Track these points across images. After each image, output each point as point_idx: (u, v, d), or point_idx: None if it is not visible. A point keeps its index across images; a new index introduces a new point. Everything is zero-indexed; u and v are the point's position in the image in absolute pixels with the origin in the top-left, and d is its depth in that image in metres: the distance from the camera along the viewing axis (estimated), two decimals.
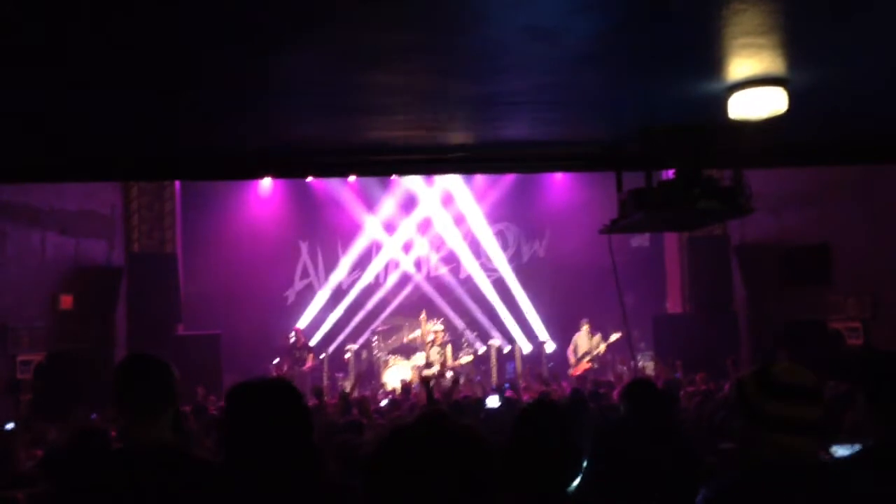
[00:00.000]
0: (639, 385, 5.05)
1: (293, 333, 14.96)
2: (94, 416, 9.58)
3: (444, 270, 17.42)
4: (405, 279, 17.46)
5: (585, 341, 15.26)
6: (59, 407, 10.59)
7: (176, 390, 2.99)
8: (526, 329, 17.14)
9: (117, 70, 4.50)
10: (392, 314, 17.17)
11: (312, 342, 16.27)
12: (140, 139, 6.11)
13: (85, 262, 13.57)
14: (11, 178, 7.78)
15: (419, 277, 17.33)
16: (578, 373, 14.80)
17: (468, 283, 17.46)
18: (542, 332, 17.05)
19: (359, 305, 17.13)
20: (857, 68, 5.01)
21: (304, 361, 14.54)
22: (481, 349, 16.62)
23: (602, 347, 15.06)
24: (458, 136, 6.45)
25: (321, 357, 15.85)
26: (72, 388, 11.56)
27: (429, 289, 17.41)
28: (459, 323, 17.00)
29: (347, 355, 16.02)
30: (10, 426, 6.92)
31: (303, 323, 16.47)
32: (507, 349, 16.63)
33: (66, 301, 12.81)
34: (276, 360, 14.41)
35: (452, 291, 17.37)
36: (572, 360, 15.26)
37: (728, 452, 5.90)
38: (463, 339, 16.77)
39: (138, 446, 2.88)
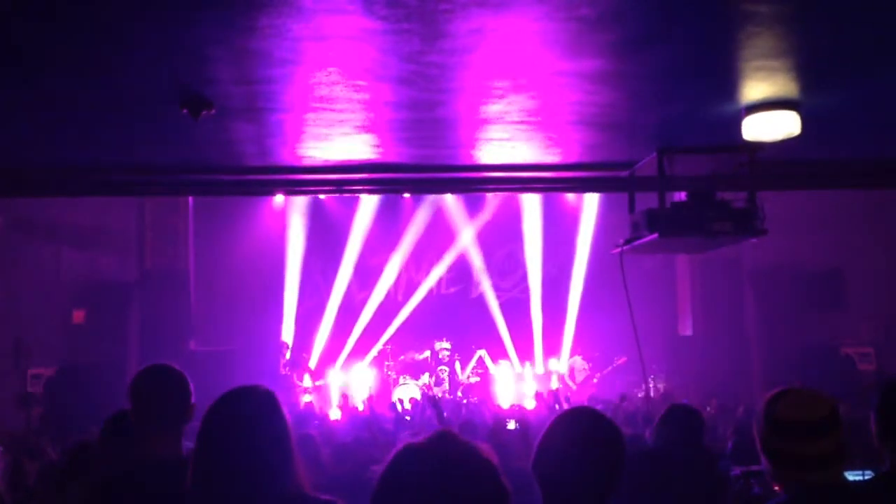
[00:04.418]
0: (679, 411, 4.80)
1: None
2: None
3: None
4: (417, 298, 17.41)
5: (581, 364, 15.39)
6: (68, 421, 10.59)
7: (192, 403, 2.96)
8: (534, 349, 17.07)
9: None
10: (402, 333, 17.12)
11: (316, 359, 16.29)
12: None
13: (98, 277, 13.61)
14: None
15: (418, 294, 17.24)
16: (584, 397, 14.78)
17: (479, 303, 17.41)
18: (546, 354, 16.99)
19: (369, 323, 17.10)
20: (871, 93, 5.01)
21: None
22: (492, 368, 16.56)
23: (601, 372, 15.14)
24: (470, 156, 6.47)
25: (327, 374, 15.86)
26: (82, 402, 11.56)
27: (440, 307, 17.37)
28: (469, 342, 16.92)
29: (356, 373, 15.98)
30: None
31: (317, 339, 16.49)
32: (518, 369, 16.57)
33: (79, 316, 12.85)
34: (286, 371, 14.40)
35: (463, 311, 17.31)
36: (573, 384, 15.30)
37: (740, 478, 5.84)
38: (473, 359, 16.69)
39: (154, 459, 2.84)
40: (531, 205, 16.74)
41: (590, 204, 16.47)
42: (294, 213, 16.65)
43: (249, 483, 2.30)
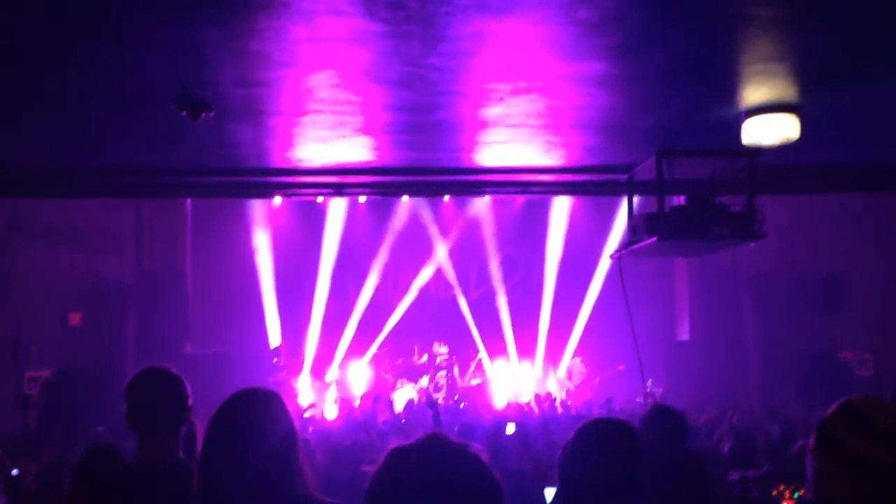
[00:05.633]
0: (662, 413, 4.82)
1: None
2: (100, 428, 9.52)
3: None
4: (414, 300, 17.39)
5: (580, 367, 15.46)
6: (66, 423, 10.57)
7: (189, 405, 2.95)
8: (532, 353, 17.06)
9: None
10: (399, 336, 17.09)
11: (308, 361, 16.27)
12: None
13: (95, 279, 13.59)
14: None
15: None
16: (581, 400, 14.80)
17: (477, 306, 17.38)
18: (547, 356, 16.96)
19: (366, 325, 17.07)
20: (870, 97, 5.02)
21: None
22: (490, 371, 16.55)
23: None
24: (469, 159, 6.47)
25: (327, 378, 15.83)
26: (79, 404, 11.54)
27: (437, 310, 17.34)
28: (468, 345, 16.90)
29: (353, 376, 15.97)
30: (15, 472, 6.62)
31: (313, 341, 16.46)
32: (517, 372, 16.56)
33: (76, 318, 12.83)
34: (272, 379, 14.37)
35: (461, 313, 17.29)
36: (571, 387, 15.35)
37: (738, 482, 5.84)
38: (472, 363, 16.67)
39: (151, 462, 2.82)
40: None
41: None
42: (291, 216, 16.64)
43: (256, 485, 2.29)
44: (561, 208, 16.67)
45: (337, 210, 16.59)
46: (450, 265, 17.37)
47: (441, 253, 17.27)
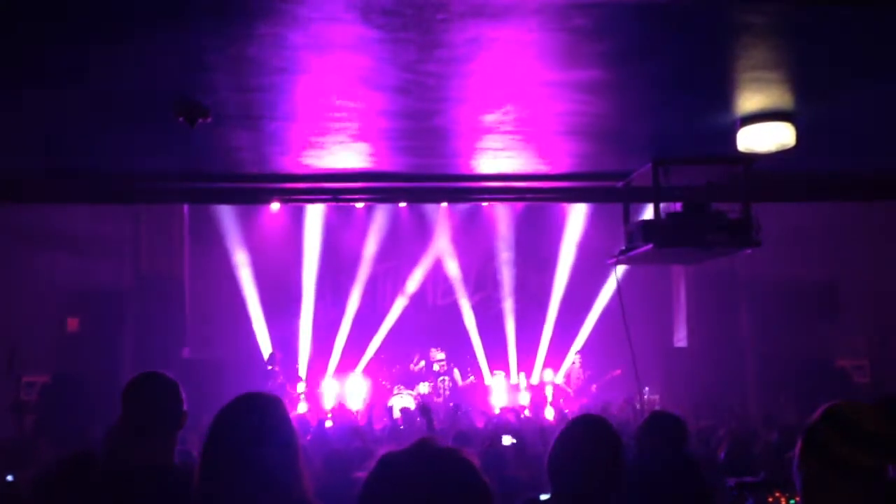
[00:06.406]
0: (660, 419, 4.83)
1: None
2: (97, 429, 9.50)
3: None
4: (410, 307, 17.38)
5: (577, 372, 15.47)
6: (63, 428, 10.55)
7: (184, 410, 2.95)
8: (530, 360, 17.05)
9: None
10: (397, 342, 17.08)
11: (304, 366, 16.24)
12: None
13: (93, 284, 13.57)
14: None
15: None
16: (578, 405, 14.79)
17: (476, 310, 17.36)
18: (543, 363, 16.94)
19: (362, 332, 17.05)
20: (866, 104, 5.03)
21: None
22: (488, 378, 16.53)
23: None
24: (466, 165, 6.48)
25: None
26: (76, 409, 11.52)
27: (434, 318, 17.32)
28: (464, 352, 16.88)
29: (350, 382, 15.95)
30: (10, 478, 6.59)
31: (305, 348, 16.44)
32: (513, 380, 16.54)
33: (73, 323, 12.82)
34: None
35: (458, 321, 17.28)
36: (569, 390, 15.34)
37: (734, 489, 5.84)
38: (469, 370, 16.65)
39: (146, 466, 2.82)
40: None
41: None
42: (289, 221, 16.64)
43: (256, 488, 2.30)
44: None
45: (333, 212, 16.57)
46: (449, 269, 17.35)
47: (439, 256, 17.25)
